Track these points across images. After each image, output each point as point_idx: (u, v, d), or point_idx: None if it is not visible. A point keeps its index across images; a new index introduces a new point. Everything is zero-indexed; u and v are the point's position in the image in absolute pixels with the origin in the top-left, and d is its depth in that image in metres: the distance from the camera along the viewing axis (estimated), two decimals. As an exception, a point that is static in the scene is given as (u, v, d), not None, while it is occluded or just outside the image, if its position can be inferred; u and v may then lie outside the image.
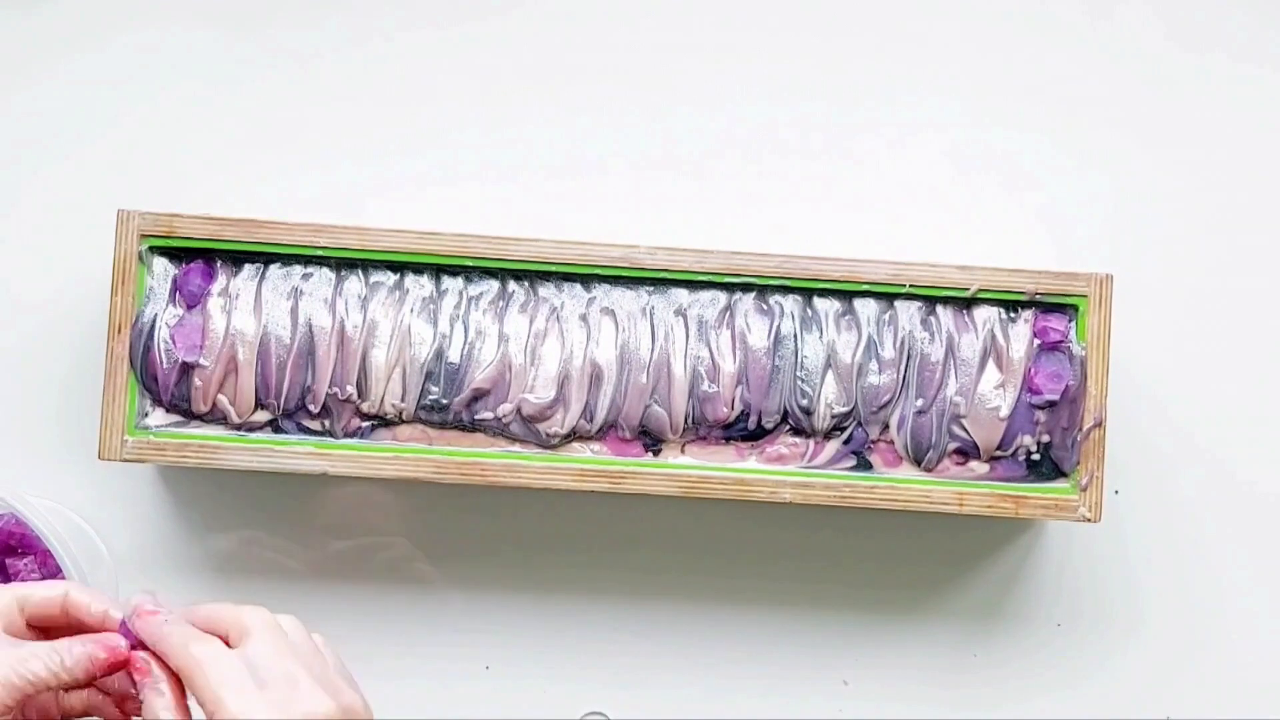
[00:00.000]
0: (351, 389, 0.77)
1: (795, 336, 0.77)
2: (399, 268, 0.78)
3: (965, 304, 0.78)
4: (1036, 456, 0.77)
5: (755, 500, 0.77)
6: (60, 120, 0.84)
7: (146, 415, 0.77)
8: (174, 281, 0.77)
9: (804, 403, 0.77)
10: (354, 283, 0.78)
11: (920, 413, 0.77)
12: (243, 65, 0.84)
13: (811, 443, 0.77)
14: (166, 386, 0.77)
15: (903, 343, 0.77)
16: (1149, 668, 0.83)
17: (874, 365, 0.77)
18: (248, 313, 0.77)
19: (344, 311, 0.77)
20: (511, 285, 0.78)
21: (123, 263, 0.77)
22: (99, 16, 0.84)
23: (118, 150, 0.84)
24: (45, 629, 0.64)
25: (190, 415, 0.77)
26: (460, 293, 0.78)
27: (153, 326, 0.77)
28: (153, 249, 0.77)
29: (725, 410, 0.77)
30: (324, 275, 0.78)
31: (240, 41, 0.84)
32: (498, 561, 0.83)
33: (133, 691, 0.63)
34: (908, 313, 0.78)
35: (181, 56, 0.84)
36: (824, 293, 0.78)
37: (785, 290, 0.78)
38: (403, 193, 0.83)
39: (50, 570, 0.77)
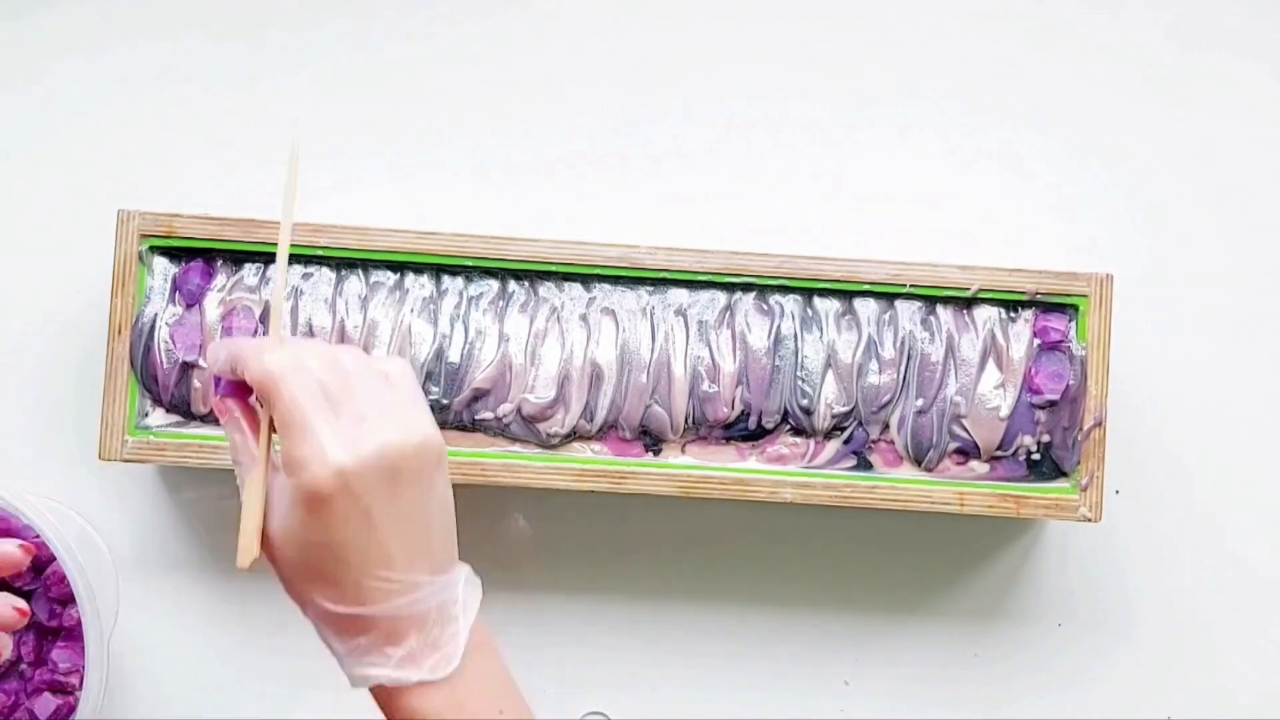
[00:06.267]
0: (352, 389, 0.77)
1: (795, 336, 0.77)
2: (399, 267, 0.78)
3: (965, 304, 0.78)
4: (1037, 456, 0.77)
5: (755, 500, 0.77)
6: (60, 121, 0.84)
7: (147, 415, 0.77)
8: (173, 281, 0.77)
9: (804, 403, 0.77)
10: (354, 282, 0.78)
11: (920, 413, 0.77)
12: (243, 66, 0.84)
13: (812, 443, 0.77)
14: (166, 387, 0.77)
15: (903, 342, 0.77)
16: (1149, 667, 0.83)
17: (874, 365, 0.77)
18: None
19: (344, 311, 0.77)
20: (511, 285, 0.78)
21: (123, 263, 0.77)
22: (98, 19, 0.84)
23: (118, 150, 0.84)
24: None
25: (190, 415, 0.77)
26: (460, 293, 0.78)
27: (153, 326, 0.77)
28: (153, 249, 0.77)
29: (725, 410, 0.77)
30: (324, 275, 0.78)
31: (240, 42, 0.84)
32: (497, 561, 0.83)
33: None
34: (908, 312, 0.78)
35: (181, 57, 0.84)
36: (824, 293, 0.78)
37: (785, 290, 0.78)
38: (403, 192, 0.83)
39: (42, 559, 0.77)
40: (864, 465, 0.77)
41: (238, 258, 0.78)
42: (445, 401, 0.77)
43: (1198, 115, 0.84)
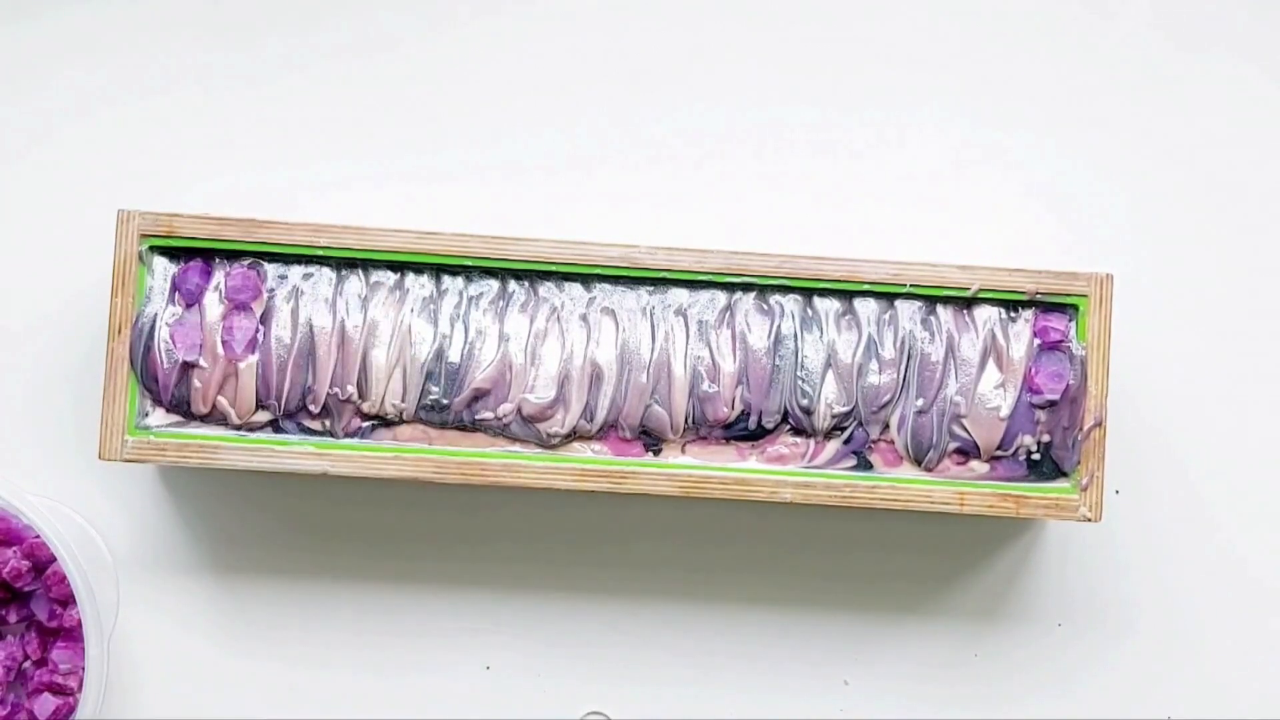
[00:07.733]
0: (352, 389, 0.77)
1: (795, 336, 0.77)
2: (399, 267, 0.78)
3: (965, 304, 0.78)
4: (1037, 456, 0.77)
5: (755, 500, 0.77)
6: (60, 121, 0.84)
7: (147, 415, 0.77)
8: (172, 280, 0.77)
9: (804, 403, 0.77)
10: (354, 282, 0.78)
11: (920, 413, 0.77)
12: (243, 66, 0.84)
13: (812, 443, 0.77)
14: (167, 387, 0.77)
15: (903, 342, 0.77)
16: (1149, 667, 0.83)
17: (874, 365, 0.77)
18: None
19: (344, 311, 0.77)
20: (511, 285, 0.78)
21: (123, 263, 0.77)
22: (99, 20, 0.84)
23: (118, 150, 0.84)
24: None
25: (190, 415, 0.77)
26: (460, 293, 0.78)
27: (153, 326, 0.77)
28: (153, 249, 0.77)
29: (725, 410, 0.77)
30: (324, 275, 0.78)
31: (240, 42, 0.84)
32: (498, 561, 0.83)
33: None
34: (908, 312, 0.78)
35: (181, 57, 0.84)
36: (824, 293, 0.78)
37: (785, 290, 0.78)
38: (403, 192, 0.83)
39: (40, 560, 0.77)
40: (864, 465, 0.77)
41: (237, 258, 0.78)
42: (445, 401, 0.77)
43: (1197, 115, 0.84)
